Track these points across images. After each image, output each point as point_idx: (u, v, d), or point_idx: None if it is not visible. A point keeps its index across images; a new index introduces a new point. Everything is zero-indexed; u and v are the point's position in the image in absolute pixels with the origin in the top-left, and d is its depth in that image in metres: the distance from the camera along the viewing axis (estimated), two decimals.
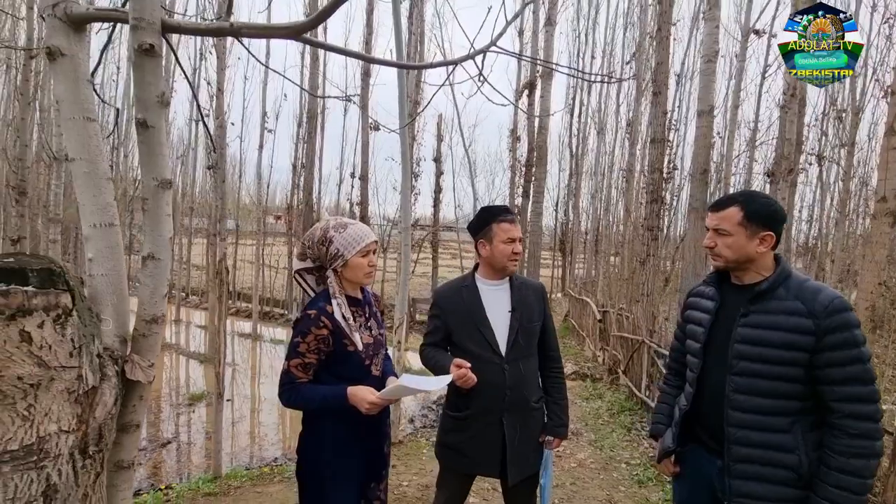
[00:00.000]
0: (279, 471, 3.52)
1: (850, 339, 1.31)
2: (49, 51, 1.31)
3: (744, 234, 1.44)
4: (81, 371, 1.15)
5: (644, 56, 10.34)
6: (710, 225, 1.53)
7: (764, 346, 1.40)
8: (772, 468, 1.39)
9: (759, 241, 1.44)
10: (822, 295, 1.37)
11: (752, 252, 1.45)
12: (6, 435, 1.05)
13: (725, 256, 1.49)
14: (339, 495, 1.53)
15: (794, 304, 1.38)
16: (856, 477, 1.29)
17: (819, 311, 1.34)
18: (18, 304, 1.01)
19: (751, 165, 9.48)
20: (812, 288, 1.40)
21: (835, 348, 1.32)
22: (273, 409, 6.84)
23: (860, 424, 1.30)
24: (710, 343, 1.55)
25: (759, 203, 1.46)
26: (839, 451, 1.31)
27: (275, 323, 12.93)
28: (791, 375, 1.37)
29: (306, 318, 1.51)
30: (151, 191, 1.35)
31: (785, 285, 1.43)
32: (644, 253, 7.13)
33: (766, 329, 1.40)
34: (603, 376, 7.27)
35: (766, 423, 1.40)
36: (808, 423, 1.39)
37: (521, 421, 1.82)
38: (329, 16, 1.27)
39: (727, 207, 1.48)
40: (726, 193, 1.57)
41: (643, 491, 3.50)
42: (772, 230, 1.45)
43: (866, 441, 1.29)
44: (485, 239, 1.86)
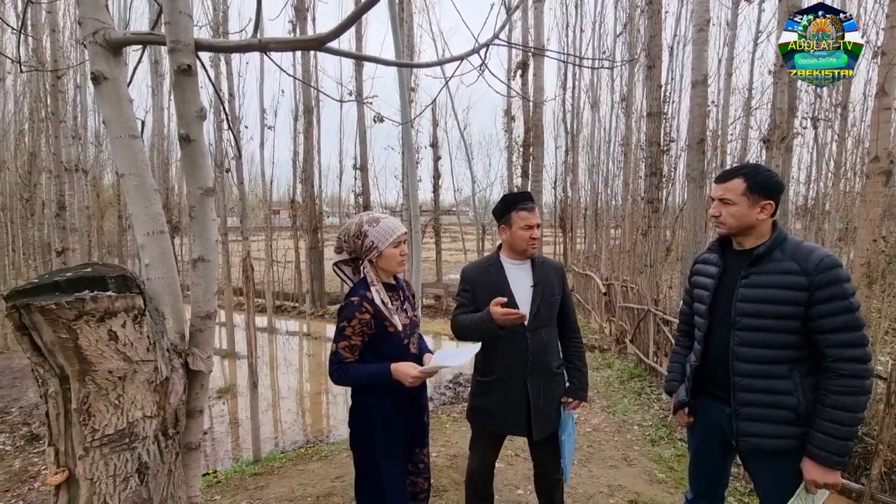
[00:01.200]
0: (315, 451, 3.73)
1: (840, 292, 1.46)
2: (94, 76, 1.42)
3: (746, 204, 1.58)
4: (157, 364, 1.30)
5: (635, 27, 10.27)
6: (716, 195, 1.66)
7: (763, 304, 1.54)
8: (774, 409, 1.55)
9: (761, 209, 1.58)
10: (814, 254, 1.51)
11: (753, 220, 1.59)
12: (103, 421, 1.20)
13: (729, 224, 1.63)
14: (389, 458, 1.70)
15: (790, 264, 1.52)
16: (847, 412, 1.45)
17: (811, 269, 1.48)
18: (105, 307, 1.15)
19: (747, 132, 9.54)
20: (806, 248, 1.54)
21: (826, 301, 1.46)
22: (294, 397, 7.08)
23: (851, 366, 1.45)
24: (714, 304, 1.69)
25: (762, 175, 1.59)
26: (833, 391, 1.47)
27: (287, 316, 13.16)
28: (788, 328, 1.51)
29: (350, 305, 1.66)
30: (197, 199, 1.47)
31: (781, 248, 1.57)
32: (645, 225, 7.25)
33: (764, 288, 1.55)
34: (611, 347, 7.48)
35: (767, 371, 1.56)
36: (805, 370, 1.54)
37: (544, 384, 1.98)
38: (351, 26, 1.38)
39: (732, 179, 1.61)
40: (731, 165, 1.71)
41: (656, 449, 3.71)
42: (772, 199, 1.58)
43: (856, 380, 1.45)
44: (505, 224, 2.02)
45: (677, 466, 3.39)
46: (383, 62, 1.89)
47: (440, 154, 15.52)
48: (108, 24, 1.44)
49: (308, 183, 13.67)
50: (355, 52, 1.67)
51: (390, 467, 1.70)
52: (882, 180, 3.94)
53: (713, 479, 1.86)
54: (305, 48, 1.42)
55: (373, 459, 1.70)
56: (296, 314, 13.26)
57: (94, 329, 1.14)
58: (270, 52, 1.47)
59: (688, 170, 7.09)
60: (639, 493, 2.95)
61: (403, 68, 3.07)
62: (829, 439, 1.46)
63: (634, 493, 2.94)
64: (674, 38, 10.52)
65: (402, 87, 3.04)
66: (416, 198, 3.69)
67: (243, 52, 1.53)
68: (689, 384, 1.80)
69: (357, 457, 1.76)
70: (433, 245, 16.31)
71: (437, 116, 15.05)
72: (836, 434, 1.45)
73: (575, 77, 15.79)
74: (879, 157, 3.88)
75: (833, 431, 1.46)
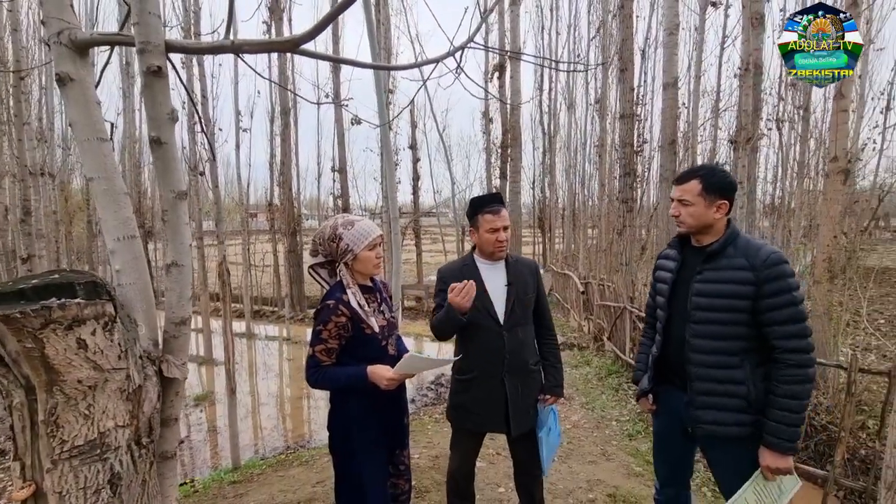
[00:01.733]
0: (295, 457, 3.69)
1: (785, 287, 1.56)
2: (59, 77, 1.38)
3: (703, 203, 1.67)
4: (129, 371, 1.27)
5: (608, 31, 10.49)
6: (675, 196, 1.75)
7: (716, 297, 1.65)
8: (727, 398, 1.65)
9: (717, 208, 1.67)
10: (761, 251, 1.61)
11: (710, 219, 1.69)
12: (72, 432, 1.17)
13: (689, 223, 1.72)
14: (368, 459, 1.70)
15: (740, 260, 1.62)
16: (795, 399, 1.56)
17: (759, 265, 1.58)
18: (73, 315, 1.12)
19: (716, 133, 9.84)
20: (754, 245, 1.64)
21: (773, 295, 1.56)
22: (275, 402, 6.96)
23: (797, 356, 1.56)
24: (673, 297, 1.80)
25: (717, 176, 1.68)
26: (782, 380, 1.57)
27: (266, 321, 12.94)
28: (739, 320, 1.62)
29: (326, 309, 1.66)
30: (170, 202, 1.45)
31: (734, 245, 1.67)
32: (620, 224, 7.40)
33: (717, 283, 1.65)
34: (589, 344, 7.60)
35: (720, 362, 1.66)
36: (755, 360, 1.64)
37: (521, 381, 2.02)
38: (326, 27, 1.38)
39: (689, 180, 1.71)
40: (689, 167, 1.81)
41: (633, 443, 3.79)
42: (727, 198, 1.68)
43: (801, 369, 1.56)
44: (473, 227, 2.06)
45: None
46: (359, 65, 1.89)
47: (419, 156, 15.52)
48: (74, 25, 1.40)
49: (286, 185, 13.48)
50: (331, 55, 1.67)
51: (369, 468, 1.70)
52: (841, 179, 4.13)
53: (677, 467, 1.94)
54: (280, 50, 1.41)
55: (351, 461, 1.70)
56: (275, 319, 13.05)
57: (62, 338, 1.11)
58: (244, 55, 1.46)
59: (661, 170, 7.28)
60: (617, 486, 3.02)
61: (381, 73, 3.07)
62: (781, 426, 1.56)
63: (613, 487, 3.00)
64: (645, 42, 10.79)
65: (380, 89, 3.04)
66: (395, 200, 3.69)
67: (215, 53, 1.51)
68: (651, 373, 1.90)
69: (336, 459, 1.76)
70: (413, 247, 16.28)
71: (415, 118, 15.06)
72: (786, 421, 1.56)
73: (551, 79, 16.03)
74: (838, 157, 4.06)
75: (783, 419, 1.56)
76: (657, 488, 2.02)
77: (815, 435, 3.66)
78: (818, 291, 4.21)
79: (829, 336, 4.10)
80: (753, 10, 4.92)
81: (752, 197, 6.86)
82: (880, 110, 8.99)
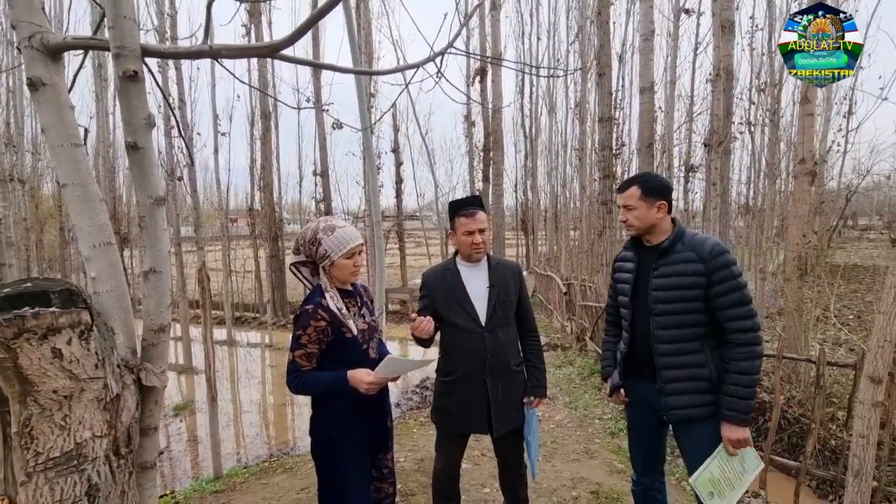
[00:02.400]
0: (279, 464, 3.63)
1: (729, 274, 1.71)
2: (30, 81, 1.35)
3: (645, 206, 1.85)
4: (106, 381, 1.25)
5: (586, 37, 10.69)
6: (620, 203, 1.93)
7: (673, 290, 1.79)
8: (692, 382, 1.79)
9: (657, 209, 1.84)
10: (706, 244, 1.77)
11: (653, 219, 1.85)
12: (47, 444, 1.15)
13: (637, 226, 1.89)
14: (351, 462, 1.71)
15: (689, 254, 1.77)
16: (745, 374, 1.70)
17: (706, 256, 1.74)
18: (48, 324, 1.10)
19: (690, 136, 10.10)
20: (699, 239, 1.80)
21: (720, 282, 1.72)
22: (257, 410, 6.85)
23: (744, 336, 1.71)
24: (635, 296, 1.93)
25: (652, 181, 1.87)
26: (732, 358, 1.72)
27: (248, 327, 12.72)
28: (695, 308, 1.76)
29: (305, 314, 1.66)
30: (147, 208, 1.43)
31: (682, 241, 1.82)
32: (601, 225, 7.53)
33: (672, 277, 1.79)
34: (572, 345, 7.69)
35: (683, 349, 1.80)
36: (712, 344, 1.79)
37: (503, 382, 2.04)
38: (306, 32, 1.38)
39: (629, 188, 1.88)
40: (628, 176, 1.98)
41: (615, 441, 3.86)
42: (665, 199, 1.84)
43: (749, 347, 1.71)
44: (452, 230, 2.11)
45: None
46: (341, 70, 1.90)
47: (402, 159, 15.50)
48: (46, 28, 1.38)
49: (267, 190, 13.31)
50: (311, 60, 1.68)
51: (353, 472, 1.70)
52: (809, 180, 4.29)
53: (652, 455, 2.06)
54: (259, 55, 1.41)
55: (334, 464, 1.69)
56: (257, 325, 12.84)
57: (36, 347, 1.09)
58: (223, 60, 1.45)
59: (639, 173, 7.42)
60: (600, 483, 3.07)
61: (362, 77, 3.08)
62: (735, 400, 1.70)
63: (596, 484, 3.05)
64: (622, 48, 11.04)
65: (361, 93, 3.04)
66: (377, 204, 3.69)
67: (193, 58, 1.50)
68: (620, 368, 2.03)
69: (318, 463, 1.75)
70: (397, 250, 16.24)
71: (398, 122, 15.04)
72: (739, 395, 1.70)
73: (532, 84, 16.22)
74: (805, 160, 4.22)
75: (736, 393, 1.71)
76: (634, 479, 2.12)
77: (789, 427, 3.78)
78: (789, 288, 4.36)
79: (800, 332, 4.25)
80: (723, 17, 5.08)
81: (725, 198, 7.05)
82: (843, 115, 9.36)
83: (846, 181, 11.49)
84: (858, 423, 2.30)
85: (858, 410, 2.32)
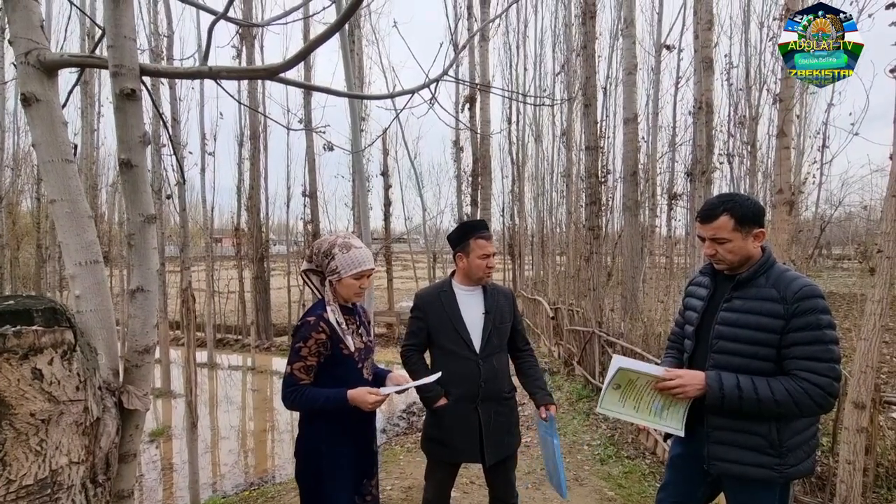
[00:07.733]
0: (260, 493, 3.48)
1: (815, 322, 1.44)
2: (25, 97, 1.35)
3: (740, 237, 1.55)
4: (87, 403, 1.20)
5: (572, 69, 11.08)
6: (706, 235, 1.60)
7: (739, 328, 1.54)
8: (745, 435, 1.53)
9: (754, 238, 1.56)
10: (795, 283, 1.50)
11: (750, 250, 1.57)
12: (21, 471, 1.09)
13: (729, 260, 1.59)
14: (336, 486, 1.66)
15: (770, 291, 1.52)
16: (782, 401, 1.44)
17: (789, 297, 1.48)
18: (30, 343, 1.06)
19: (673, 166, 10.44)
20: (789, 277, 1.53)
21: (800, 329, 1.45)
22: (236, 436, 6.61)
23: (815, 381, 1.43)
24: (701, 326, 1.69)
25: (745, 206, 1.56)
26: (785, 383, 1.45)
27: (230, 350, 12.39)
28: (762, 355, 1.51)
29: (307, 325, 1.65)
30: (138, 226, 1.41)
31: (767, 274, 1.56)
32: (588, 251, 7.63)
33: (743, 313, 1.55)
34: (560, 369, 7.66)
35: None
36: None
37: (495, 409, 2.01)
38: (305, 58, 1.41)
39: (718, 217, 1.57)
40: (707, 201, 1.72)
41: (605, 467, 3.81)
42: (760, 226, 1.57)
43: (813, 389, 1.42)
44: (462, 252, 2.04)
45: (625, 483, 3.50)
46: (336, 93, 1.93)
47: (391, 182, 15.64)
48: (43, 45, 1.38)
49: (254, 210, 13.22)
50: (308, 83, 1.71)
51: (337, 494, 1.66)
52: (787, 209, 4.44)
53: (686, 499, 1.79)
54: (258, 77, 1.43)
55: (319, 487, 1.66)
56: (239, 347, 12.52)
57: (16, 368, 1.05)
58: (222, 80, 1.47)
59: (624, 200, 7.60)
60: None
61: (356, 102, 3.13)
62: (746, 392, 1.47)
63: None
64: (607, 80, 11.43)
65: (354, 116, 3.09)
66: (367, 226, 3.70)
67: (192, 78, 1.52)
68: None
69: (303, 486, 1.71)
70: (384, 273, 16.16)
71: (387, 146, 15.23)
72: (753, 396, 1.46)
73: (519, 112, 16.63)
74: (783, 190, 4.37)
75: (762, 397, 1.46)
76: None
77: None
78: None
79: None
80: (704, 54, 5.33)
81: None
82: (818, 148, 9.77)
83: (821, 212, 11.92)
84: (845, 448, 2.32)
85: (844, 436, 2.34)
